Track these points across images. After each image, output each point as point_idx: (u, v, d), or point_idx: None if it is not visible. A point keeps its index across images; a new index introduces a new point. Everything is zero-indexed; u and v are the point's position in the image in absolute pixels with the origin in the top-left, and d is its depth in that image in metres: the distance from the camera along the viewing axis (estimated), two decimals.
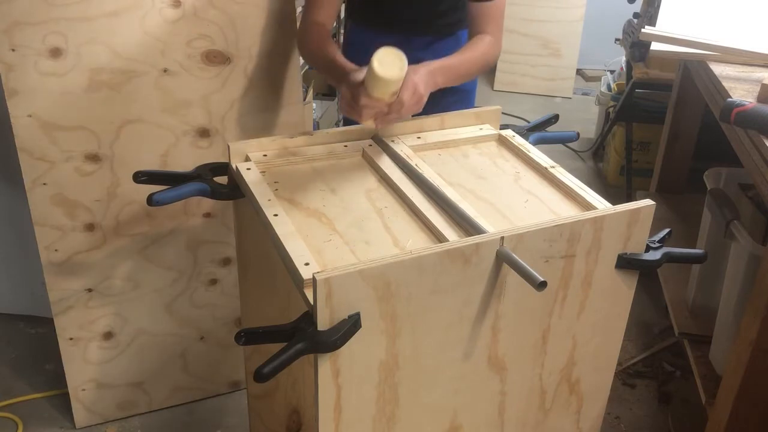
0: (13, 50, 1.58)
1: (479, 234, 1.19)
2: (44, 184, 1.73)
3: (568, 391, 1.39)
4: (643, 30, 2.06)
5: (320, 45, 1.62)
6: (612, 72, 3.71)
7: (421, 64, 1.47)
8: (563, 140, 1.77)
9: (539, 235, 1.17)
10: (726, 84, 1.83)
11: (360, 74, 1.39)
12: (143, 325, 1.96)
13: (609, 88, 3.53)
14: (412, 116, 1.54)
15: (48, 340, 2.21)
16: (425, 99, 1.44)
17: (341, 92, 1.43)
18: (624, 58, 3.33)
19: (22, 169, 1.70)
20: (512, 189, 1.42)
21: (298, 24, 1.82)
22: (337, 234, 1.26)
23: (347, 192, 1.38)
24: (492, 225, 1.25)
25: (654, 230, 1.30)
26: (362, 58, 1.84)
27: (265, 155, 1.48)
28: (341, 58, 1.54)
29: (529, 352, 1.29)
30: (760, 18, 2.26)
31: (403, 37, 1.79)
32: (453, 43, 1.85)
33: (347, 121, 1.79)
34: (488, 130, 1.63)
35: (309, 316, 1.07)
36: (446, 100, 1.80)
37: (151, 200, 1.40)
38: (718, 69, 1.93)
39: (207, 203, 1.87)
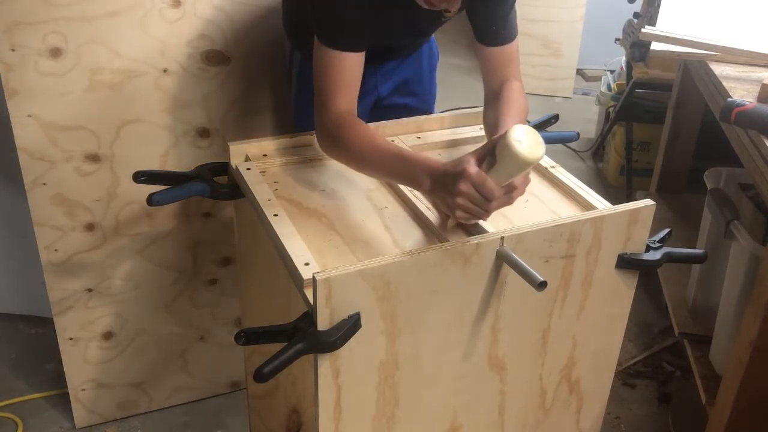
0: (13, 50, 1.58)
1: (479, 234, 1.19)
2: (44, 184, 1.73)
3: (568, 391, 1.39)
4: (643, 30, 2.06)
5: (369, 139, 1.31)
6: (612, 72, 3.71)
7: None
8: (563, 140, 1.77)
9: (539, 235, 1.17)
10: (726, 84, 1.83)
11: (473, 165, 1.14)
12: (143, 325, 1.96)
13: (609, 88, 3.53)
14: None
15: (48, 340, 2.20)
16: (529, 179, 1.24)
17: (459, 192, 1.13)
18: (624, 58, 3.32)
19: (22, 169, 1.70)
20: None
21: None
22: (337, 234, 1.26)
23: (347, 192, 1.38)
24: (492, 225, 1.25)
25: (654, 230, 1.30)
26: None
27: (265, 155, 1.48)
28: (413, 152, 1.30)
29: (529, 352, 1.29)
30: (760, 18, 2.26)
31: (369, 66, 1.62)
32: (416, 62, 1.77)
33: None
34: None
35: (309, 316, 1.07)
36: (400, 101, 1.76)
37: (150, 200, 1.40)
38: (718, 69, 1.93)
39: (207, 203, 1.87)
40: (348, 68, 1.37)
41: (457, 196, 1.14)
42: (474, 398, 1.27)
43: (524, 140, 1.12)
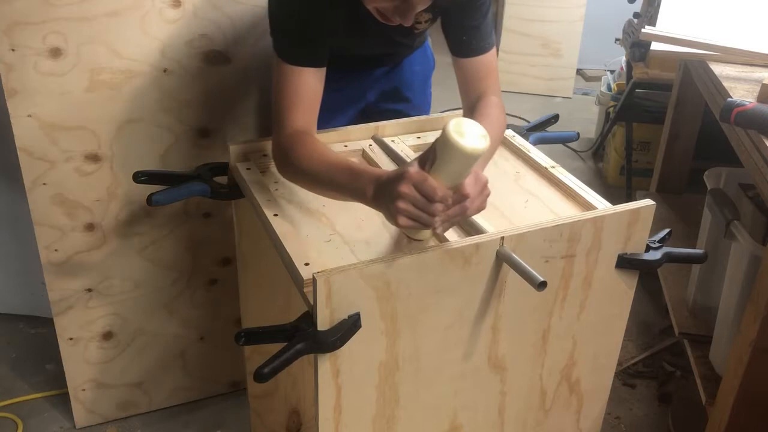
0: (13, 50, 1.58)
1: (479, 234, 1.19)
2: (44, 184, 1.73)
3: (568, 391, 1.39)
4: (643, 30, 2.06)
5: (321, 155, 1.25)
6: (612, 72, 3.70)
7: None
8: (563, 140, 1.78)
9: (539, 235, 1.17)
10: (726, 84, 1.83)
11: (415, 166, 1.08)
12: (143, 325, 1.96)
13: (609, 88, 3.53)
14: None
15: (48, 340, 2.20)
16: (489, 190, 1.16)
17: (399, 194, 1.06)
18: (624, 58, 3.32)
19: (22, 169, 1.70)
20: (512, 189, 1.42)
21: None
22: (337, 234, 1.26)
23: None
24: (492, 225, 1.25)
25: (654, 230, 1.30)
26: None
27: (265, 155, 1.48)
28: (360, 164, 1.24)
29: (529, 352, 1.29)
30: (760, 18, 2.26)
31: (357, 73, 1.66)
32: (407, 68, 1.75)
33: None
34: None
35: (309, 316, 1.07)
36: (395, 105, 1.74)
37: (150, 200, 1.40)
38: (718, 69, 1.93)
39: (207, 203, 1.87)
40: (306, 85, 1.31)
41: (398, 199, 1.06)
42: (474, 398, 1.27)
43: (465, 132, 1.05)
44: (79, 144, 1.72)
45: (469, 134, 1.05)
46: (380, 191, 1.11)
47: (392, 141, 1.53)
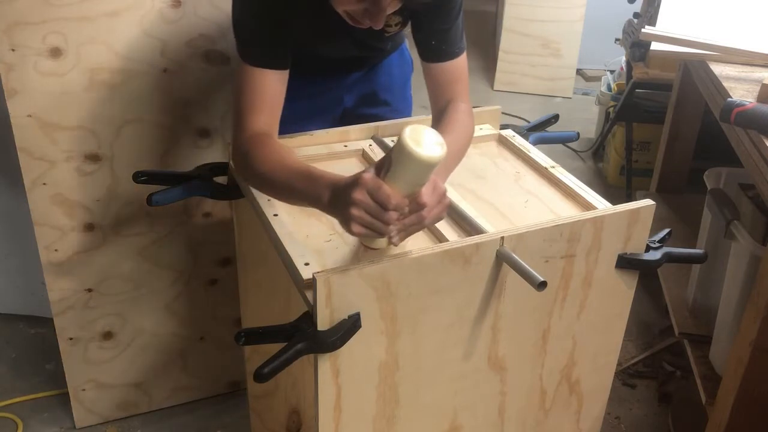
0: (13, 50, 1.58)
1: (479, 234, 1.19)
2: (44, 184, 1.73)
3: (568, 391, 1.39)
4: (643, 30, 2.06)
5: (280, 159, 1.21)
6: (612, 72, 3.71)
7: None
8: (563, 140, 1.78)
9: (539, 235, 1.17)
10: (726, 84, 1.83)
11: (371, 173, 1.05)
12: (143, 325, 1.96)
13: (609, 88, 3.53)
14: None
15: (48, 340, 2.21)
16: (449, 199, 1.12)
17: (353, 201, 1.03)
18: (624, 58, 3.32)
19: (22, 169, 1.70)
20: (512, 189, 1.42)
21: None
22: (337, 234, 1.26)
23: None
24: (492, 225, 1.25)
25: (654, 230, 1.30)
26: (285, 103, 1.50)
27: None
28: (319, 169, 1.17)
29: (529, 352, 1.29)
30: (760, 18, 2.26)
31: (333, 77, 1.64)
32: (385, 70, 1.72)
33: None
34: (488, 130, 1.63)
35: (309, 316, 1.07)
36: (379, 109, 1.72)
37: (150, 200, 1.40)
38: (718, 69, 1.93)
39: (207, 203, 1.87)
40: (267, 87, 1.29)
41: (351, 206, 1.03)
42: (474, 398, 1.27)
43: (421, 140, 1.02)
44: (79, 144, 1.72)
45: (425, 142, 1.02)
46: (335, 197, 1.08)
47: (392, 141, 1.53)
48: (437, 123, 1.36)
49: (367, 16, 1.19)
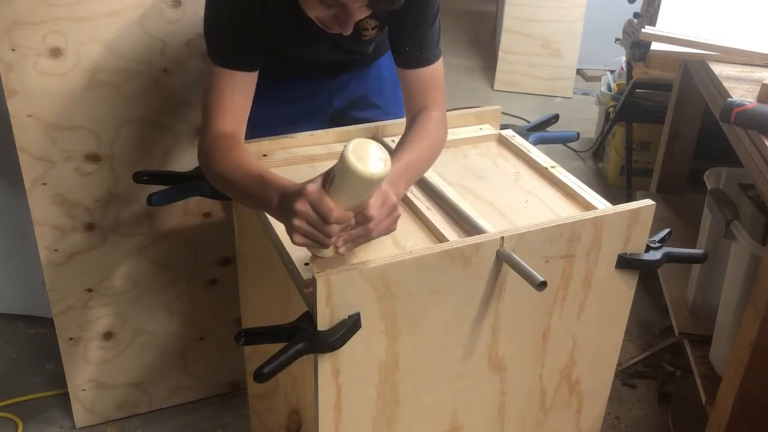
0: (13, 50, 1.58)
1: (479, 234, 1.19)
2: (44, 184, 1.73)
3: (568, 391, 1.39)
4: (643, 30, 2.06)
5: (237, 162, 1.22)
6: (612, 72, 3.70)
7: None
8: (563, 140, 1.78)
9: (539, 235, 1.17)
10: (726, 84, 1.83)
11: (316, 184, 1.05)
12: (143, 325, 1.96)
13: (609, 88, 3.53)
14: None
15: (48, 340, 2.20)
16: (400, 212, 1.13)
17: (295, 212, 1.04)
18: (624, 58, 3.32)
19: (22, 169, 1.70)
20: (512, 189, 1.43)
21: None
22: None
23: None
24: (492, 225, 1.25)
25: (654, 230, 1.30)
26: (273, 107, 1.57)
27: (265, 155, 1.48)
28: (273, 174, 1.18)
29: (529, 352, 1.29)
30: (760, 18, 2.26)
31: (321, 80, 1.63)
32: (375, 74, 1.71)
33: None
34: (488, 130, 1.63)
35: (309, 316, 1.07)
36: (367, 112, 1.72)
37: (150, 200, 1.40)
38: (718, 69, 1.93)
39: (207, 203, 1.87)
40: (236, 87, 1.29)
41: (294, 217, 1.04)
42: (474, 398, 1.27)
43: (364, 155, 1.01)
44: (79, 144, 1.72)
45: (368, 158, 1.01)
46: (282, 204, 1.09)
47: (392, 141, 1.52)
48: (408, 130, 1.36)
49: (336, 22, 1.19)
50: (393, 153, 1.28)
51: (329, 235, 1.05)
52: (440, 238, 1.24)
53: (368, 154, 1.02)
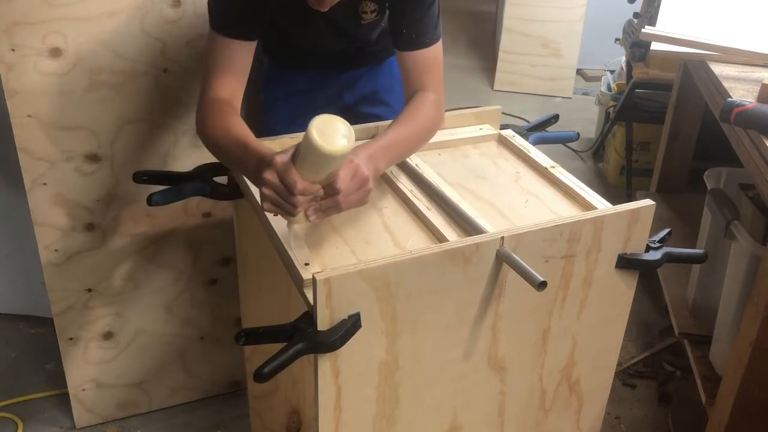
0: (13, 50, 1.58)
1: (479, 234, 1.19)
2: (44, 184, 1.73)
3: (568, 391, 1.39)
4: (643, 30, 2.06)
5: (226, 127, 1.29)
6: (612, 72, 3.71)
7: (359, 147, 1.24)
8: (563, 140, 1.78)
9: (539, 235, 1.17)
10: (726, 84, 1.83)
11: (287, 155, 1.12)
12: (143, 325, 1.96)
13: (609, 88, 3.53)
14: None
15: (48, 340, 2.20)
16: (371, 186, 1.19)
17: (264, 181, 1.12)
18: (624, 58, 3.32)
19: (22, 169, 1.70)
20: (512, 189, 1.43)
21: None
22: (337, 234, 1.26)
23: None
24: (492, 225, 1.25)
25: (654, 230, 1.30)
26: (285, 97, 1.64)
27: None
28: (256, 141, 1.25)
29: (529, 352, 1.29)
30: (760, 18, 2.26)
31: (331, 72, 1.66)
32: (386, 71, 1.73)
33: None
34: (488, 130, 1.63)
35: (309, 316, 1.07)
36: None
37: (150, 200, 1.40)
38: (718, 69, 1.93)
39: (207, 203, 1.87)
40: (234, 55, 1.35)
41: (263, 185, 1.12)
42: (474, 398, 1.27)
43: (328, 131, 1.05)
44: (79, 144, 1.72)
45: (331, 134, 1.05)
46: (256, 171, 1.15)
47: None
48: (401, 111, 1.39)
49: None
50: (382, 131, 1.31)
51: (294, 205, 1.11)
52: (440, 238, 1.24)
53: (332, 131, 1.06)
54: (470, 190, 1.40)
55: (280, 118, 1.55)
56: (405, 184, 1.38)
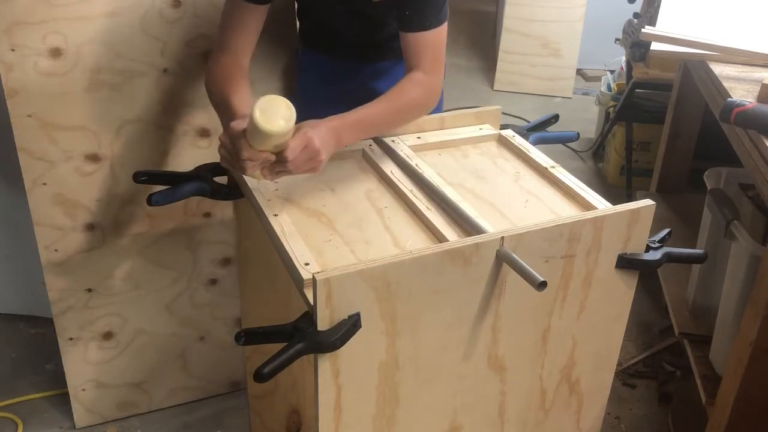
0: (13, 50, 1.58)
1: (479, 234, 1.19)
2: (44, 184, 1.73)
3: (568, 391, 1.39)
4: (643, 30, 2.06)
5: (224, 79, 1.41)
6: (612, 72, 3.71)
7: (324, 120, 1.31)
8: (563, 140, 1.78)
9: (539, 235, 1.17)
10: (726, 84, 1.83)
11: (243, 122, 1.22)
12: (143, 325, 1.96)
13: (609, 88, 3.53)
14: None
15: (48, 340, 2.21)
16: (323, 158, 1.27)
17: (220, 141, 1.26)
18: (624, 58, 3.33)
19: (22, 169, 1.70)
20: (512, 189, 1.42)
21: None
22: (337, 234, 1.26)
23: (347, 192, 1.38)
24: (492, 225, 1.25)
25: (654, 230, 1.30)
26: (314, 85, 1.75)
27: None
28: (237, 100, 1.36)
29: (529, 352, 1.29)
30: (760, 18, 2.26)
31: (355, 63, 1.71)
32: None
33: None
34: (488, 130, 1.63)
35: (309, 316, 1.07)
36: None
37: (150, 200, 1.40)
38: (718, 69, 1.93)
39: (207, 203, 1.87)
40: (245, 17, 1.45)
41: (220, 145, 1.26)
42: (474, 398, 1.27)
43: (269, 110, 1.14)
44: (79, 144, 1.72)
45: (273, 114, 1.15)
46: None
47: (392, 141, 1.53)
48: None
49: None
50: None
51: (242, 168, 1.23)
52: (440, 238, 1.24)
53: (274, 112, 1.15)
54: (470, 190, 1.40)
55: (306, 103, 1.63)
56: (405, 184, 1.38)
